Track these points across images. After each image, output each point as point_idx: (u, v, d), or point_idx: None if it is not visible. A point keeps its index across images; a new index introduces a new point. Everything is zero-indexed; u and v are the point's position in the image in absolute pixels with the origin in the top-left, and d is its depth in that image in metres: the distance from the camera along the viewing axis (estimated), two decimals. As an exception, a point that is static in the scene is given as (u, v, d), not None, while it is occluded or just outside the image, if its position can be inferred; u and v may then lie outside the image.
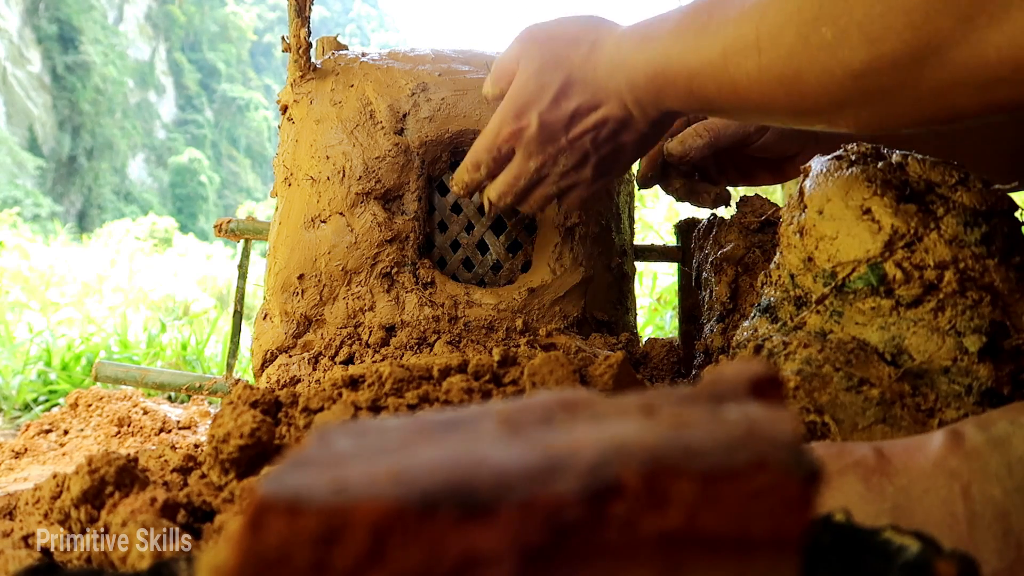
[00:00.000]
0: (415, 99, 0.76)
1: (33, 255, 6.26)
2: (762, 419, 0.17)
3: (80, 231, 14.67)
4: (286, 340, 0.76)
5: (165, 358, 2.00)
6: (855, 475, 0.35)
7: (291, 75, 0.80)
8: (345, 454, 0.17)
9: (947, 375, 0.48)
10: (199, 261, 9.42)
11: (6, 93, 24.06)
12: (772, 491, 0.15)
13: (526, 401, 0.19)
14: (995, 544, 0.31)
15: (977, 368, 0.47)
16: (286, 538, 0.14)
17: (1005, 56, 0.39)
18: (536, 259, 0.78)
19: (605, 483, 0.15)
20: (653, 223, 2.99)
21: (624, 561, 0.15)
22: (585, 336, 0.76)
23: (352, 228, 0.74)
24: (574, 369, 0.47)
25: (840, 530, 0.21)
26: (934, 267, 0.48)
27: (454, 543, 0.14)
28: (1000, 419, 0.35)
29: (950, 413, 0.47)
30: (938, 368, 0.48)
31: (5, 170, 20.98)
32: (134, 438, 1.00)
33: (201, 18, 35.04)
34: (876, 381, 0.48)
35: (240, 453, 0.44)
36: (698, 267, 0.81)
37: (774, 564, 0.15)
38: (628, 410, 0.18)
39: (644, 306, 2.33)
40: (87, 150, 26.09)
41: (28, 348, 1.97)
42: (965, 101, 0.42)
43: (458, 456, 0.16)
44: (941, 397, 0.47)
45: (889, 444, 0.37)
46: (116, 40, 29.17)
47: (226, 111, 34.10)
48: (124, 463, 0.45)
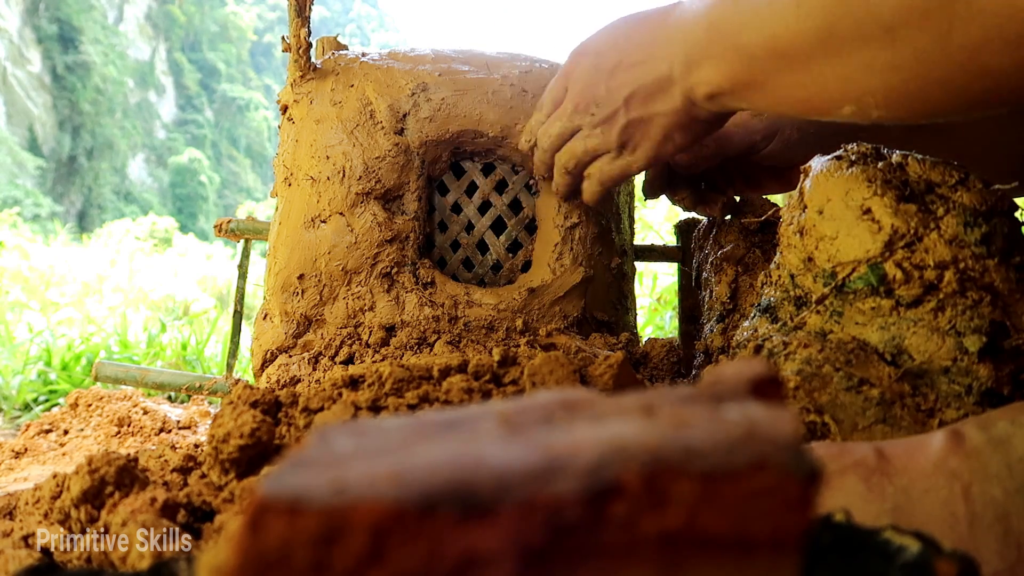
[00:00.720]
0: (415, 99, 0.76)
1: (33, 255, 6.25)
2: (762, 419, 0.17)
3: (80, 231, 14.66)
4: (286, 340, 0.76)
5: (165, 358, 2.00)
6: (855, 475, 0.35)
7: (291, 75, 0.80)
8: (345, 454, 0.16)
9: (947, 375, 0.48)
10: (199, 261, 9.42)
11: (6, 93, 24.05)
12: (772, 491, 0.15)
13: (526, 401, 0.19)
14: (996, 545, 0.31)
15: (977, 368, 0.47)
16: (286, 538, 0.14)
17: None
18: (536, 259, 0.78)
19: (605, 483, 0.15)
20: (653, 223, 2.99)
21: (624, 561, 0.15)
22: (585, 336, 0.76)
23: (352, 228, 0.74)
24: (574, 369, 0.47)
25: (840, 530, 0.21)
26: (934, 267, 0.48)
27: (454, 543, 0.14)
28: (1001, 419, 0.35)
29: (950, 413, 0.47)
30: (938, 368, 0.48)
31: (5, 170, 20.97)
32: (134, 438, 1.00)
33: (201, 18, 35.03)
34: (876, 381, 0.48)
35: (240, 453, 0.44)
36: (698, 267, 0.81)
37: (774, 564, 0.15)
38: (628, 410, 0.18)
39: (644, 306, 2.33)
40: (87, 150, 26.08)
41: (28, 348, 1.97)
42: (996, 61, 0.42)
43: (458, 456, 0.16)
44: (941, 397, 0.47)
45: (890, 444, 0.37)
46: (116, 40, 29.17)
47: (226, 111, 34.10)
48: (124, 463, 0.45)
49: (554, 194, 0.75)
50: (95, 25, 27.17)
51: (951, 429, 0.36)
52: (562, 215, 0.77)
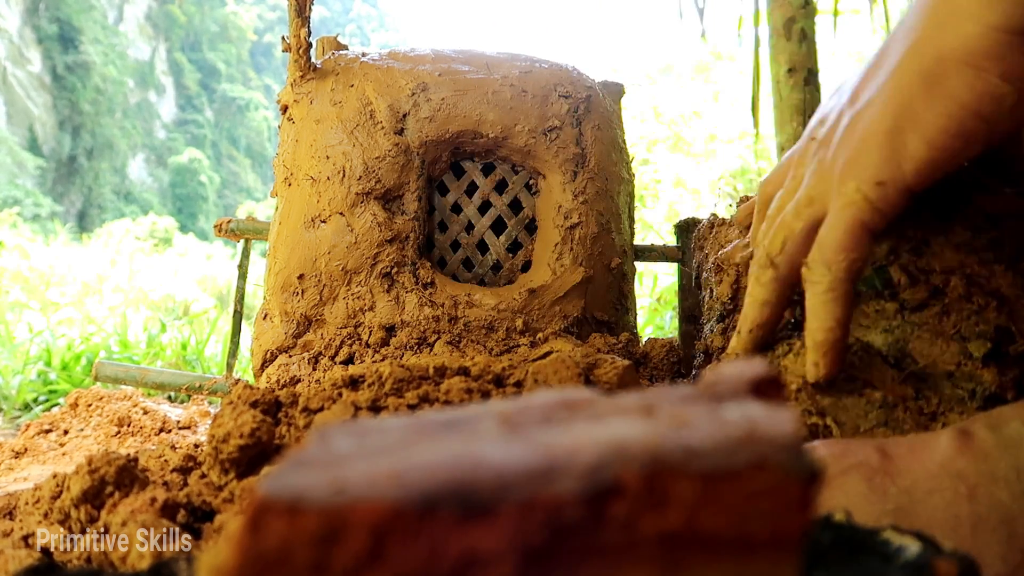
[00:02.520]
0: (415, 99, 0.76)
1: (33, 255, 6.26)
2: (762, 419, 0.17)
3: (80, 231, 14.67)
4: (286, 340, 0.76)
5: (165, 358, 2.00)
6: (858, 475, 0.35)
7: (291, 75, 0.80)
8: (345, 454, 0.16)
9: (951, 379, 0.48)
10: (199, 261, 9.43)
11: (6, 93, 24.05)
12: (772, 491, 0.15)
13: (526, 401, 0.19)
14: (999, 548, 0.31)
15: (981, 373, 0.47)
16: (286, 538, 0.14)
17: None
18: (536, 259, 0.78)
19: (605, 483, 0.15)
20: (653, 223, 2.99)
21: (624, 561, 0.15)
22: (585, 336, 0.76)
23: (352, 228, 0.74)
24: (579, 372, 0.47)
25: (840, 530, 0.21)
26: (940, 272, 0.48)
27: (454, 543, 0.14)
28: (1013, 419, 0.34)
29: (953, 417, 0.46)
30: (942, 372, 0.48)
31: (5, 170, 20.97)
32: (134, 438, 1.00)
33: (201, 18, 35.03)
34: (879, 384, 0.48)
35: (240, 453, 0.44)
36: (698, 267, 0.81)
37: (774, 564, 0.15)
38: (628, 410, 0.18)
39: (644, 306, 2.33)
40: (87, 150, 26.08)
41: (28, 348, 1.98)
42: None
43: (458, 456, 0.16)
44: (944, 401, 0.47)
45: (893, 443, 0.36)
46: (116, 40, 29.16)
47: (226, 111, 34.09)
48: (124, 463, 0.45)
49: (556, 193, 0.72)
50: (95, 25, 27.17)
51: (960, 428, 0.35)
52: (562, 215, 0.77)
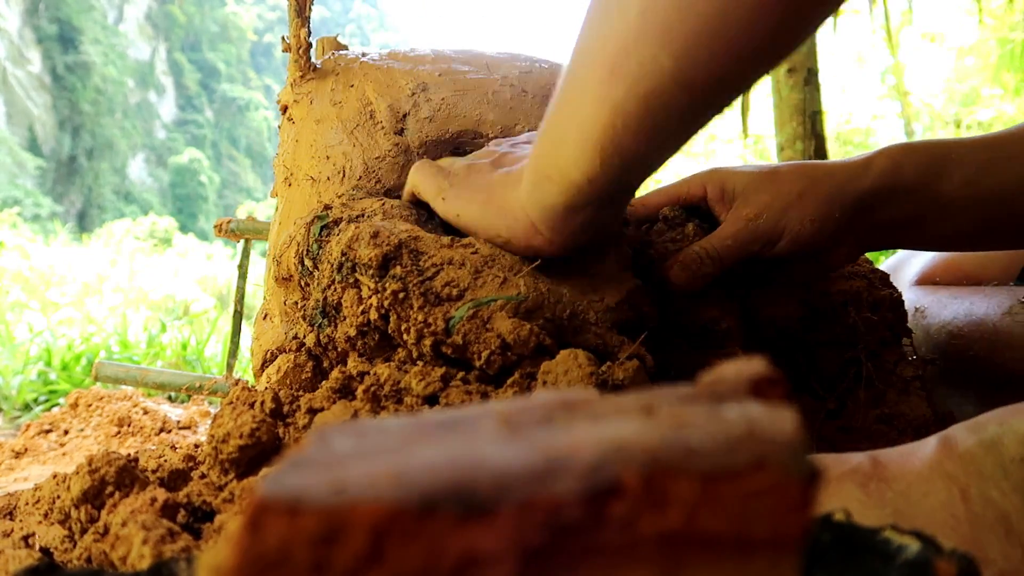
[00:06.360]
0: (415, 99, 0.77)
1: (33, 255, 6.26)
2: (762, 419, 0.17)
3: (80, 231, 14.67)
4: (286, 340, 0.76)
5: (165, 358, 2.01)
6: (853, 482, 0.35)
7: (291, 75, 0.80)
8: (345, 454, 0.16)
9: None
10: (199, 261, 9.43)
11: (6, 93, 24.06)
12: (772, 491, 0.15)
13: (526, 401, 0.19)
14: (999, 546, 0.31)
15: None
16: (286, 538, 0.14)
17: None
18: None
19: (605, 483, 0.15)
20: (653, 223, 2.99)
21: (624, 561, 0.15)
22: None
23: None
24: (591, 371, 0.46)
25: (840, 529, 0.21)
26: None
27: (454, 543, 0.14)
28: (989, 423, 0.35)
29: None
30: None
31: (5, 170, 20.98)
32: (134, 438, 1.00)
33: (201, 18, 35.04)
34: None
35: (240, 453, 0.44)
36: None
37: (774, 564, 0.15)
38: (628, 410, 0.18)
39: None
40: (87, 150, 26.09)
41: (28, 348, 1.98)
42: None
43: (458, 456, 0.16)
44: None
45: (884, 452, 0.37)
46: (116, 40, 29.18)
47: (226, 111, 34.10)
48: (124, 463, 0.45)
49: None
50: (95, 25, 27.18)
51: (941, 435, 0.36)
52: (562, 215, 0.77)
